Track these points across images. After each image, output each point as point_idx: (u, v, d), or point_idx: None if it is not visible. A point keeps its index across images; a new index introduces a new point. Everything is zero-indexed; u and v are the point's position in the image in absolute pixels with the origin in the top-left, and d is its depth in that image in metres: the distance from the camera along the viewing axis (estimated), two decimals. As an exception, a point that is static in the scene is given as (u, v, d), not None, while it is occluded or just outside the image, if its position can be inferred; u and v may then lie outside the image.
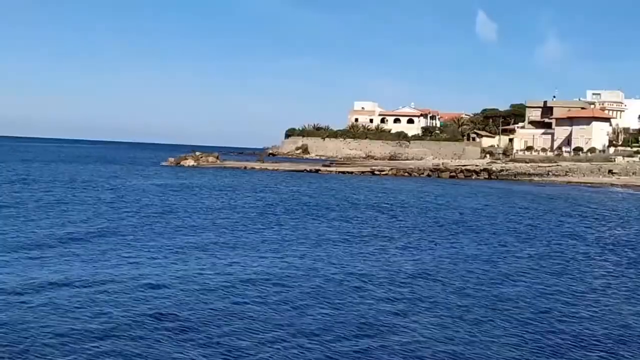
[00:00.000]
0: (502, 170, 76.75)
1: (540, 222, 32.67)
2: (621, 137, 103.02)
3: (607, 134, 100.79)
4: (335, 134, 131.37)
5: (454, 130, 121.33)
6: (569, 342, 12.56)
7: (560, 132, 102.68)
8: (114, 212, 30.25)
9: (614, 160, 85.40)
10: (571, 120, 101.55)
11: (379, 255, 21.20)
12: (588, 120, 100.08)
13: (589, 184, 69.36)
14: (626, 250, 24.49)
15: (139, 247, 20.94)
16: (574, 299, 16.08)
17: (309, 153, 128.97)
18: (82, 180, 50.21)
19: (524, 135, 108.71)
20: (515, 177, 74.99)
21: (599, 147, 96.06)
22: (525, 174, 76.10)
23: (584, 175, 75.99)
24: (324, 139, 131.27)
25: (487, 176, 74.52)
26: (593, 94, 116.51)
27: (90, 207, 31.58)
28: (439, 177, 74.35)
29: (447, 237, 25.94)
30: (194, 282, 16.25)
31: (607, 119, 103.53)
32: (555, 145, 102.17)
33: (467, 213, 35.70)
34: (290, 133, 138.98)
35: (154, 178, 56.76)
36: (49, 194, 37.45)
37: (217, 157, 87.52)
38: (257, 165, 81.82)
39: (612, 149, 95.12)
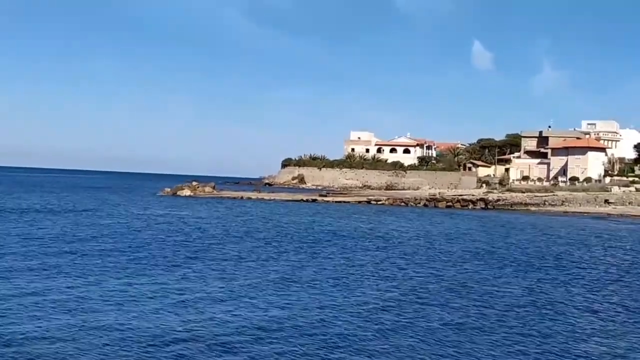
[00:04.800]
0: (498, 200, 76.73)
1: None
2: (617, 166, 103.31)
3: (603, 164, 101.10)
4: (331, 164, 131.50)
5: (450, 160, 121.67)
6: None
7: (556, 162, 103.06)
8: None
9: (610, 190, 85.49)
10: (567, 150, 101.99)
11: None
12: (583, 150, 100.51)
13: (586, 214, 69.32)
14: None
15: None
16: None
17: (305, 183, 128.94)
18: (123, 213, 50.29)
19: (520, 165, 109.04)
20: (511, 206, 74.95)
21: (595, 176, 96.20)
22: (521, 203, 76.09)
23: (580, 205, 76.00)
24: (320, 168, 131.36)
25: (483, 206, 74.48)
26: (588, 124, 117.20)
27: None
28: (435, 206, 74.30)
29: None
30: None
31: (602, 149, 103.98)
32: (551, 175, 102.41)
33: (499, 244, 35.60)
34: (286, 163, 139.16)
35: (182, 209, 56.63)
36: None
37: (214, 187, 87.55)
38: (253, 195, 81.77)
39: (607, 179, 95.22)
